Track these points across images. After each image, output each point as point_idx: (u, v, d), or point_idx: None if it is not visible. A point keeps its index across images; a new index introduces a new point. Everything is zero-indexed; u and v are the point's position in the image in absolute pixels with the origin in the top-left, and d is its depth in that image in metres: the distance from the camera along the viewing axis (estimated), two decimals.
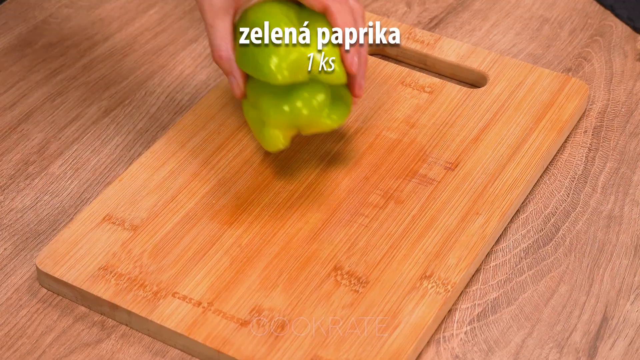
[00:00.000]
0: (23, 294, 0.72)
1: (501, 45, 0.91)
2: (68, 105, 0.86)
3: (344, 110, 0.74)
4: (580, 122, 0.84)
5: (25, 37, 0.92)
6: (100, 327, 0.70)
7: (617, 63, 0.89)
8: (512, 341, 0.69)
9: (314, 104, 0.72)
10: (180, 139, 0.80)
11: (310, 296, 0.69)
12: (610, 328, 0.70)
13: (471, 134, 0.80)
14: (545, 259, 0.74)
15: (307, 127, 0.74)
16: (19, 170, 0.80)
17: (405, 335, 0.67)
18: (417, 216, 0.75)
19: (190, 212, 0.75)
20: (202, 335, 0.67)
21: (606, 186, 0.79)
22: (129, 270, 0.71)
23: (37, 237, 0.75)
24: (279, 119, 0.73)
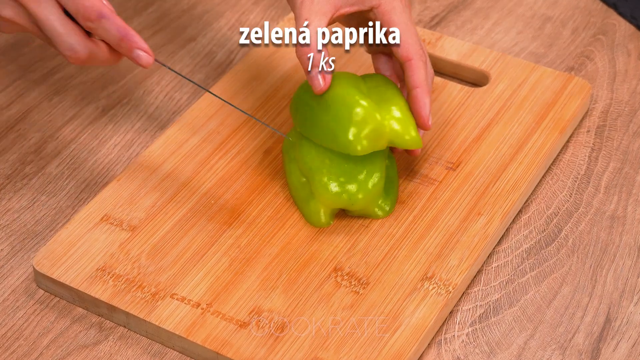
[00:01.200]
0: (20, 295, 0.72)
1: (503, 44, 0.91)
2: (65, 104, 0.86)
3: (393, 199, 0.74)
4: (583, 121, 0.84)
5: (22, 36, 0.92)
6: (98, 328, 0.70)
7: (621, 62, 0.89)
8: (514, 343, 0.69)
9: (370, 188, 0.72)
10: (179, 139, 0.80)
11: (310, 297, 0.69)
12: (614, 330, 0.70)
13: (473, 134, 0.80)
14: (547, 259, 0.74)
15: (356, 211, 0.74)
16: (16, 170, 0.80)
17: (406, 337, 0.67)
18: (418, 216, 0.75)
19: (189, 212, 0.75)
20: (201, 336, 0.67)
21: (609, 186, 0.79)
22: (127, 271, 0.71)
23: (34, 238, 0.76)
24: (330, 199, 0.72)
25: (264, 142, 0.80)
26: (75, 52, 0.70)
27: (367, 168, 0.72)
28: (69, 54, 0.70)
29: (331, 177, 0.72)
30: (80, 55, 0.70)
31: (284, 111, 0.83)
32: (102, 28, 0.70)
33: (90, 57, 0.71)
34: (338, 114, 0.71)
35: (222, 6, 0.95)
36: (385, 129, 0.71)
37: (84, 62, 0.71)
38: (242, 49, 0.90)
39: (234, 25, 0.93)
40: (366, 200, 0.72)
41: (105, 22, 0.70)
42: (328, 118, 0.71)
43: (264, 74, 0.86)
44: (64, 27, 0.70)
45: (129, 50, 0.71)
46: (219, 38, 0.92)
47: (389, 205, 0.74)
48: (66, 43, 0.70)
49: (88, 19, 0.70)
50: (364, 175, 0.72)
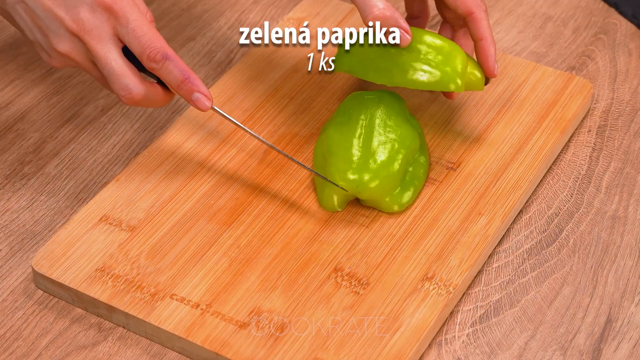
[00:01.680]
0: (19, 296, 0.72)
1: (504, 43, 0.91)
2: (64, 104, 0.86)
3: (411, 195, 0.74)
4: (584, 121, 0.84)
5: (21, 35, 0.92)
6: (97, 329, 0.70)
7: (622, 61, 0.89)
8: (515, 343, 0.69)
9: (381, 180, 0.72)
10: (178, 139, 0.80)
11: (310, 298, 0.69)
12: (615, 330, 0.70)
13: (473, 134, 0.80)
14: (548, 260, 0.74)
15: (368, 201, 0.74)
16: (15, 170, 0.80)
17: (407, 338, 0.67)
18: (418, 217, 0.75)
19: (188, 212, 0.75)
20: (200, 337, 0.67)
21: (610, 186, 0.79)
22: (126, 271, 0.71)
23: (33, 238, 0.76)
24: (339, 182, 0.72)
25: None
26: (129, 93, 0.71)
27: (381, 164, 0.73)
28: (123, 93, 0.71)
29: (346, 163, 0.72)
30: (134, 96, 0.72)
31: (284, 111, 0.83)
32: (165, 69, 0.71)
33: (144, 99, 0.72)
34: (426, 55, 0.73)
35: (222, 5, 0.95)
36: (466, 67, 0.75)
37: (137, 103, 0.72)
38: (242, 49, 0.90)
39: (233, 24, 0.93)
40: (372, 194, 0.72)
41: (169, 64, 0.71)
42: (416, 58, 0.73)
43: (264, 74, 0.86)
44: (122, 68, 0.71)
45: (188, 92, 0.72)
46: (219, 37, 0.92)
47: (405, 199, 0.74)
48: (122, 83, 0.71)
49: (153, 60, 0.71)
50: (375, 168, 0.72)
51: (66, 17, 0.71)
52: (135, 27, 0.71)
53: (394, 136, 0.74)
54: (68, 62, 0.73)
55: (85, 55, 0.72)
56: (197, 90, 0.72)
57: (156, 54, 0.71)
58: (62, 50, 0.72)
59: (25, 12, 0.72)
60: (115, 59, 0.71)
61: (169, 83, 0.72)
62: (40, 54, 0.74)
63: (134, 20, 0.71)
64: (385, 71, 0.74)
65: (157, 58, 0.71)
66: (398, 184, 0.74)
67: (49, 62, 0.74)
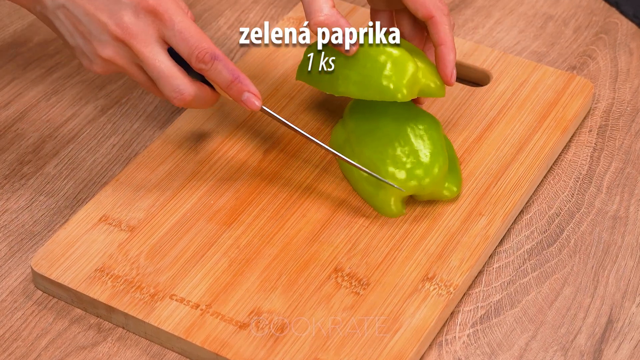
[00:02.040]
0: (18, 296, 0.72)
1: (504, 43, 0.91)
2: (64, 104, 0.86)
3: (459, 178, 0.75)
4: (585, 121, 0.84)
5: (20, 35, 0.92)
6: (96, 329, 0.70)
7: (623, 61, 0.89)
8: (516, 344, 0.69)
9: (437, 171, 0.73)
10: (178, 138, 0.80)
11: (310, 298, 0.69)
12: (616, 331, 0.70)
13: (474, 133, 0.80)
14: (549, 260, 0.74)
15: (425, 196, 0.74)
16: (14, 170, 0.80)
17: (407, 338, 0.67)
18: (418, 217, 0.75)
19: (188, 212, 0.75)
20: (200, 338, 0.67)
21: (611, 186, 0.79)
22: (125, 272, 0.71)
23: (33, 238, 0.76)
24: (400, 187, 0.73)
25: (264, 142, 0.80)
26: (181, 94, 0.71)
27: (431, 151, 0.73)
28: (175, 95, 0.71)
29: (397, 166, 0.73)
30: (185, 97, 0.71)
31: (284, 110, 0.83)
32: (214, 70, 0.71)
33: (194, 99, 0.72)
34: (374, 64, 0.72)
35: (222, 5, 0.95)
36: (419, 75, 0.73)
37: (188, 104, 0.72)
38: (242, 48, 0.90)
39: (233, 24, 0.93)
40: (435, 183, 0.73)
41: (218, 64, 0.71)
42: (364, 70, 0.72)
43: (264, 74, 0.86)
44: (171, 69, 0.71)
45: (238, 92, 0.71)
46: (219, 37, 0.92)
47: (456, 186, 0.74)
48: (173, 85, 0.71)
49: (202, 60, 0.70)
50: (429, 158, 0.73)
51: (109, 21, 0.70)
52: (182, 28, 0.70)
53: (424, 126, 0.74)
54: (111, 67, 0.72)
55: (130, 59, 0.71)
56: (247, 89, 0.72)
57: (205, 54, 0.70)
58: (106, 56, 0.71)
59: (67, 17, 0.71)
60: (164, 61, 0.70)
61: (218, 83, 0.72)
62: (81, 60, 0.73)
63: (180, 22, 0.70)
64: (333, 80, 0.73)
65: (205, 59, 0.70)
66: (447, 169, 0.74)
67: (89, 67, 0.72)
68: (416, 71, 0.72)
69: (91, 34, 0.71)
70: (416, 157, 0.73)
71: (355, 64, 0.72)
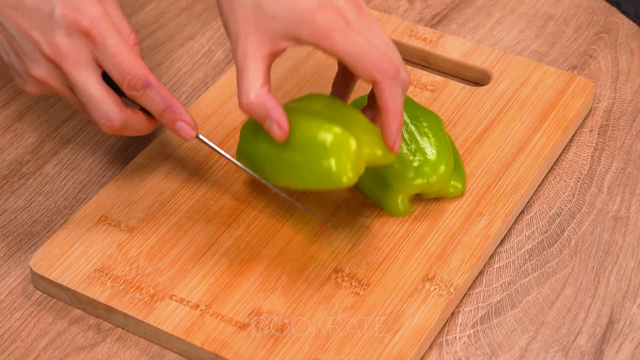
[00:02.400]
0: (17, 297, 0.72)
1: (505, 43, 0.91)
2: (63, 103, 0.86)
3: (463, 175, 0.75)
4: (585, 121, 0.84)
5: None
6: (95, 330, 0.70)
7: (624, 61, 0.89)
8: (516, 345, 0.69)
9: (444, 168, 0.73)
10: (177, 138, 0.80)
11: (310, 299, 0.69)
12: (617, 331, 0.70)
13: (474, 133, 0.80)
14: (550, 260, 0.74)
15: (432, 193, 0.74)
16: (13, 170, 0.80)
17: (407, 339, 0.67)
18: (419, 217, 0.75)
19: (187, 212, 0.75)
20: (199, 338, 0.67)
21: (612, 186, 0.79)
22: (125, 272, 0.71)
23: (32, 239, 0.76)
24: (408, 185, 0.72)
25: None
26: (109, 121, 0.69)
27: (437, 148, 0.73)
28: (103, 122, 0.69)
29: (403, 164, 0.73)
30: (114, 124, 0.69)
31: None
32: (146, 97, 0.69)
33: (124, 126, 0.69)
34: (309, 148, 0.66)
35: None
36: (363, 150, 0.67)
37: (117, 130, 0.70)
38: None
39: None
40: (442, 180, 0.73)
41: (150, 92, 0.69)
42: (297, 155, 0.67)
43: None
44: (101, 94, 0.69)
45: (171, 121, 0.70)
46: (218, 37, 0.92)
47: (461, 183, 0.74)
48: (101, 110, 0.69)
49: (134, 87, 0.68)
50: (435, 156, 0.73)
51: (42, 40, 0.68)
52: (115, 52, 0.68)
53: (427, 123, 0.74)
54: (44, 88, 0.70)
55: (62, 81, 0.70)
56: (180, 119, 0.70)
57: (137, 81, 0.68)
58: (37, 75, 0.69)
59: (2, 32, 0.70)
60: (94, 85, 0.68)
61: (152, 111, 0.70)
62: (15, 79, 0.71)
63: (113, 46, 0.68)
64: (272, 169, 0.69)
65: (137, 86, 0.68)
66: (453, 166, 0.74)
67: (23, 87, 0.71)
68: (355, 151, 0.66)
69: (24, 53, 0.69)
70: (423, 154, 0.73)
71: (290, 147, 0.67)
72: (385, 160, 0.69)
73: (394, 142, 0.68)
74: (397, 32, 0.88)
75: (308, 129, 0.67)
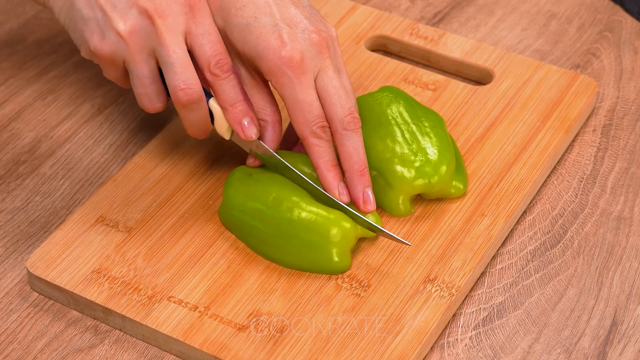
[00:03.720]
0: (14, 298, 0.72)
1: (507, 41, 0.91)
2: (60, 103, 0.86)
3: (464, 175, 0.75)
4: (589, 120, 0.84)
5: (15, 33, 0.92)
6: (93, 332, 0.70)
7: (627, 59, 0.89)
8: (519, 347, 0.69)
9: (445, 169, 0.73)
10: (176, 138, 0.80)
11: (310, 300, 0.69)
12: (620, 333, 0.70)
13: (476, 133, 0.80)
14: (552, 261, 0.74)
15: (434, 194, 0.74)
16: (10, 170, 0.80)
17: (408, 341, 0.67)
18: (420, 217, 0.75)
19: (186, 213, 0.75)
20: (198, 340, 0.67)
21: (616, 186, 0.79)
22: (123, 273, 0.71)
23: (28, 239, 0.76)
24: (409, 185, 0.72)
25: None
26: (189, 87, 0.68)
27: (438, 148, 0.73)
28: (182, 87, 0.68)
29: (405, 165, 0.72)
30: (193, 93, 0.69)
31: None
32: (227, 82, 0.69)
33: (199, 100, 0.69)
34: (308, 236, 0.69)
35: None
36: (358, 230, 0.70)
37: (193, 102, 0.69)
38: None
39: None
40: (443, 180, 0.73)
41: (234, 79, 0.69)
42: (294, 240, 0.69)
43: None
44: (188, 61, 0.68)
45: (241, 114, 0.70)
46: None
47: (462, 183, 0.74)
48: (184, 76, 0.68)
49: (221, 67, 0.69)
50: (437, 156, 0.73)
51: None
52: (210, 30, 0.69)
53: (429, 123, 0.74)
54: (119, 47, 0.68)
55: (144, 42, 0.68)
56: (248, 115, 0.70)
57: (225, 63, 0.69)
58: (123, 29, 0.68)
59: None
60: (183, 50, 0.68)
61: (224, 99, 0.70)
62: (90, 39, 0.69)
63: (210, 25, 0.69)
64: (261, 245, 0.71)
65: (225, 67, 0.69)
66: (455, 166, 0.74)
67: (97, 47, 0.69)
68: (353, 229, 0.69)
69: (115, 7, 0.68)
70: (424, 154, 0.73)
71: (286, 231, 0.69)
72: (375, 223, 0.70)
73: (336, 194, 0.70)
74: (398, 31, 0.88)
75: (307, 217, 0.69)
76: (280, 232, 0.69)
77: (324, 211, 0.69)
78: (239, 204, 0.71)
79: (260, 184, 0.71)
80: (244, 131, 0.70)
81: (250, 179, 0.71)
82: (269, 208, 0.70)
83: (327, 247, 0.69)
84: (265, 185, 0.70)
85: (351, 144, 0.70)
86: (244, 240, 0.72)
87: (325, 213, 0.69)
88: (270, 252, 0.71)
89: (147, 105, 0.71)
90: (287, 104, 0.70)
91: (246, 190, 0.71)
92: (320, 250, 0.69)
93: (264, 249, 0.71)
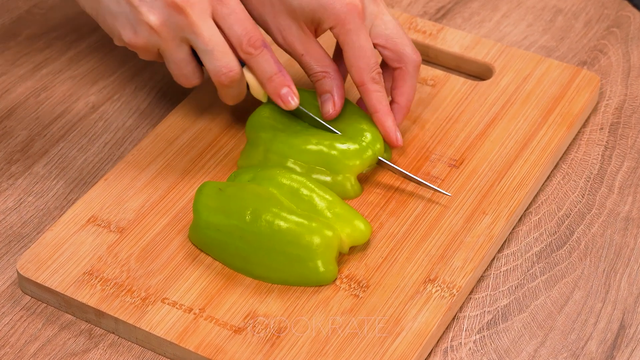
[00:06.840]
0: (5, 301, 0.72)
1: (512, 37, 0.91)
2: (53, 100, 0.86)
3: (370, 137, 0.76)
4: (595, 118, 0.84)
5: (8, 29, 0.92)
6: (87, 335, 0.70)
7: (635, 56, 0.89)
8: (524, 351, 0.69)
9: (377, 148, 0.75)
10: (169, 136, 0.80)
11: (307, 301, 0.69)
12: (628, 336, 0.69)
13: (477, 129, 0.80)
14: (558, 263, 0.74)
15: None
16: (2, 169, 0.80)
17: (409, 342, 0.67)
18: (420, 216, 0.74)
19: (180, 213, 0.75)
20: (193, 343, 0.67)
21: (623, 186, 0.79)
22: (115, 274, 0.71)
23: (21, 240, 0.76)
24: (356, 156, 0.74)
25: None
26: (231, 70, 0.72)
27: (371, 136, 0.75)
28: (225, 71, 0.72)
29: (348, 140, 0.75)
30: (235, 75, 0.72)
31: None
32: (262, 57, 0.72)
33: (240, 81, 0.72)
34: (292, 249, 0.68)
35: None
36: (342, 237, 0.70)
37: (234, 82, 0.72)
38: None
39: None
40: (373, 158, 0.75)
41: (267, 53, 0.72)
42: (277, 255, 0.69)
43: None
44: (226, 45, 0.71)
45: (280, 85, 0.73)
46: None
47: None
48: (225, 60, 0.71)
49: (253, 45, 0.71)
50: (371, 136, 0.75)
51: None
52: (238, 10, 0.71)
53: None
54: (152, 38, 0.71)
55: (175, 32, 0.71)
56: (287, 84, 0.73)
57: (257, 39, 0.71)
58: (153, 22, 0.70)
59: None
60: (219, 35, 0.71)
61: (261, 73, 0.72)
62: (122, 32, 0.72)
63: (237, 5, 0.71)
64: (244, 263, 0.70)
65: (257, 44, 0.71)
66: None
67: (130, 40, 0.72)
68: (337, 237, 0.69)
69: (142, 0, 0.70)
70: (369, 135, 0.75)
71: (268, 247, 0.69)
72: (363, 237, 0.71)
73: (395, 137, 0.75)
74: None
75: (288, 228, 0.68)
76: (262, 248, 0.69)
77: (305, 220, 0.69)
78: (215, 224, 0.70)
79: (234, 199, 0.70)
80: (284, 102, 0.73)
81: (221, 194, 0.70)
82: (247, 224, 0.69)
83: (312, 258, 0.69)
84: (239, 200, 0.70)
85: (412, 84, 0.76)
86: (224, 260, 0.71)
87: (306, 222, 0.69)
88: (255, 270, 0.70)
89: (184, 83, 0.74)
90: (349, 50, 0.73)
91: (219, 207, 0.70)
92: (305, 262, 0.69)
93: (248, 268, 0.70)
